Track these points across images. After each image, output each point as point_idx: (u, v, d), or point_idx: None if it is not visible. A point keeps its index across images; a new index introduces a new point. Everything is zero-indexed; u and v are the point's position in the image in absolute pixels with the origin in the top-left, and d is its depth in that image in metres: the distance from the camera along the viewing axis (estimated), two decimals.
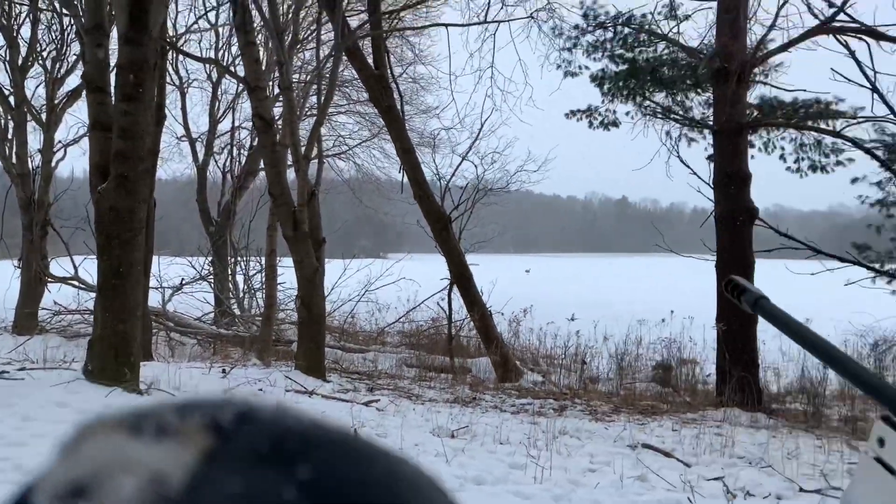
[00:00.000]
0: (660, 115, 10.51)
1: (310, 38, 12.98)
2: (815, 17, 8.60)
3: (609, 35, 10.79)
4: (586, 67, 11.41)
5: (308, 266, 7.88)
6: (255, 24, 9.29)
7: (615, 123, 11.72)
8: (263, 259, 11.96)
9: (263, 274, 11.99)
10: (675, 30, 10.30)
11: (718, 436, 5.89)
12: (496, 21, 11.76)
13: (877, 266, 9.55)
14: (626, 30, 10.58)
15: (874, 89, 9.26)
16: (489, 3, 11.49)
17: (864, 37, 8.65)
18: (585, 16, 10.82)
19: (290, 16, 10.20)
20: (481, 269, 10.66)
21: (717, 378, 8.41)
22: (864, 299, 10.49)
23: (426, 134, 15.50)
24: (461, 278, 10.32)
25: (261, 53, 10.71)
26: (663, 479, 4.25)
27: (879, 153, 9.30)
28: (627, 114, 11.51)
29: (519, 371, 10.02)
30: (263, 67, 10.11)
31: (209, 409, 0.25)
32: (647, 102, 10.82)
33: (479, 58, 13.59)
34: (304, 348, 7.95)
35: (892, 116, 8.59)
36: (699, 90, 10.44)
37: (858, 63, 8.81)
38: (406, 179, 10.94)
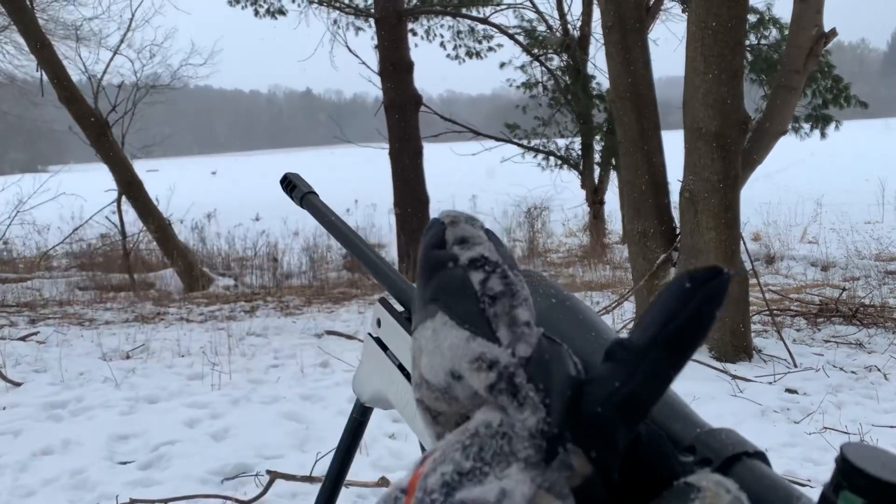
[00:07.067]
0: (324, 3, 10.34)
1: None
2: None
3: None
4: None
5: None
6: None
7: (282, 11, 11.30)
8: None
9: None
10: None
11: None
12: None
13: (524, 143, 10.75)
14: None
15: None
16: None
17: None
18: None
19: None
20: (161, 175, 9.82)
21: (397, 258, 8.95)
22: (518, 173, 11.84)
23: (69, 25, 13.48)
24: (130, 187, 9.46)
25: None
26: (344, 361, 4.45)
27: (521, 38, 10.26)
28: (294, 1, 11.15)
29: (209, 278, 9.69)
30: None
31: None
32: None
33: None
34: None
35: (528, 3, 9.47)
36: None
37: None
38: (47, 79, 9.48)
